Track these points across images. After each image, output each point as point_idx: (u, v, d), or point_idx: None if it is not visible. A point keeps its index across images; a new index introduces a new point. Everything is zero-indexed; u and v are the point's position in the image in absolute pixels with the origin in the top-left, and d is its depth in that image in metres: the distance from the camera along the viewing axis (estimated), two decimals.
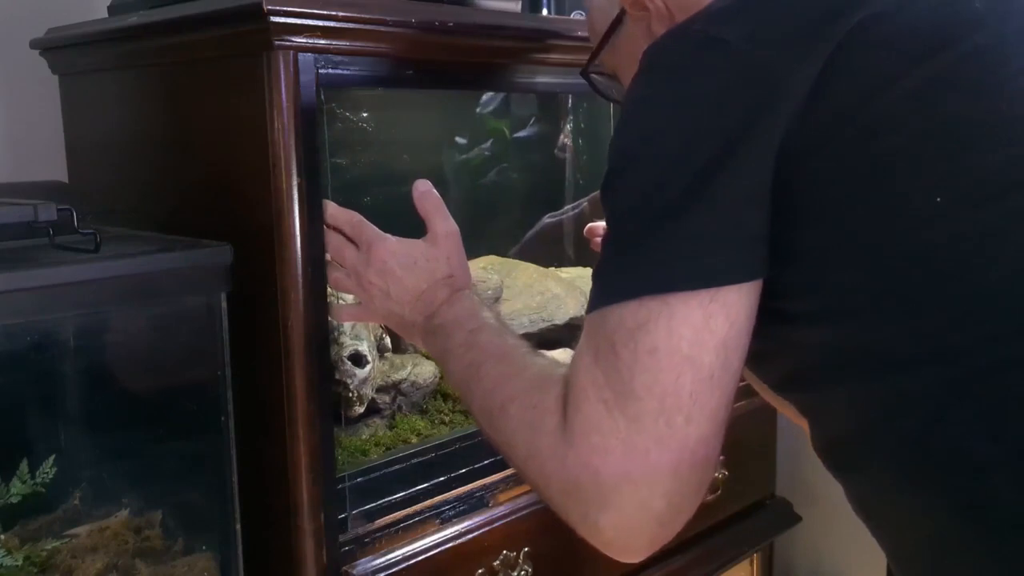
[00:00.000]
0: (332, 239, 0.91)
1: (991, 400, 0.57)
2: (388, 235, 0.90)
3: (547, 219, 1.57)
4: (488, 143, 1.62)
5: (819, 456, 0.69)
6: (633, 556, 0.64)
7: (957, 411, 0.58)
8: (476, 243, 1.56)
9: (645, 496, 0.60)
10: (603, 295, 0.63)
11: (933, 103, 0.60)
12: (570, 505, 0.63)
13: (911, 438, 0.60)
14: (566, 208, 1.61)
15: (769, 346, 0.64)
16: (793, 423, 0.74)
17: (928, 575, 0.65)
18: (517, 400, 0.69)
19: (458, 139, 1.58)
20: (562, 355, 1.33)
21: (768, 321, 0.63)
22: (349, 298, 0.99)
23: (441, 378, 1.20)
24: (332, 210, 0.91)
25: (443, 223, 0.91)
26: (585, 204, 1.53)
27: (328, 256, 0.91)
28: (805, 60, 0.59)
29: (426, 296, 0.87)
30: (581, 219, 1.52)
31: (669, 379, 0.59)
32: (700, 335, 0.59)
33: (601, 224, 1.13)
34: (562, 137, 1.73)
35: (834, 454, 0.67)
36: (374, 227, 0.90)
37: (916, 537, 0.64)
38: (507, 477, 1.10)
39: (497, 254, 1.46)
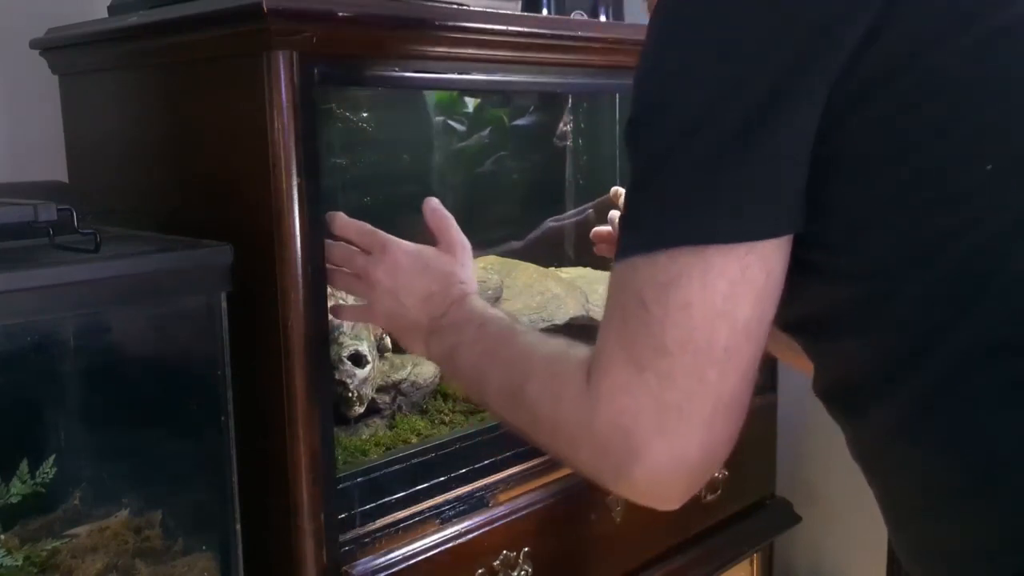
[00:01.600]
0: (339, 249, 0.91)
1: (1009, 372, 0.57)
2: (402, 240, 0.91)
3: (550, 223, 1.57)
4: (486, 131, 1.61)
5: (821, 398, 0.69)
6: (671, 504, 0.63)
7: (974, 378, 0.58)
8: (477, 237, 1.56)
9: (679, 449, 0.59)
10: (632, 245, 0.60)
11: (986, 62, 0.57)
12: (602, 466, 0.62)
13: (924, 395, 0.59)
14: (569, 212, 1.60)
15: (787, 292, 0.62)
16: (793, 424, 0.74)
17: (917, 523, 0.66)
18: (537, 374, 0.68)
19: (456, 126, 1.58)
20: None
21: (791, 269, 0.61)
22: (351, 299, 0.99)
23: (441, 378, 1.20)
24: (341, 221, 0.92)
25: (457, 235, 0.92)
26: (590, 211, 1.52)
27: (329, 263, 0.92)
28: (858, 9, 0.56)
29: (436, 298, 0.87)
30: (586, 224, 1.52)
31: (702, 334, 0.57)
32: (736, 288, 0.57)
33: (606, 228, 1.13)
34: (562, 126, 1.73)
35: (840, 399, 0.67)
36: (386, 233, 0.91)
37: (910, 486, 0.64)
38: (507, 477, 1.10)
39: (498, 249, 1.47)
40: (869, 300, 0.61)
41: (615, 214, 1.30)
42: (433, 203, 0.94)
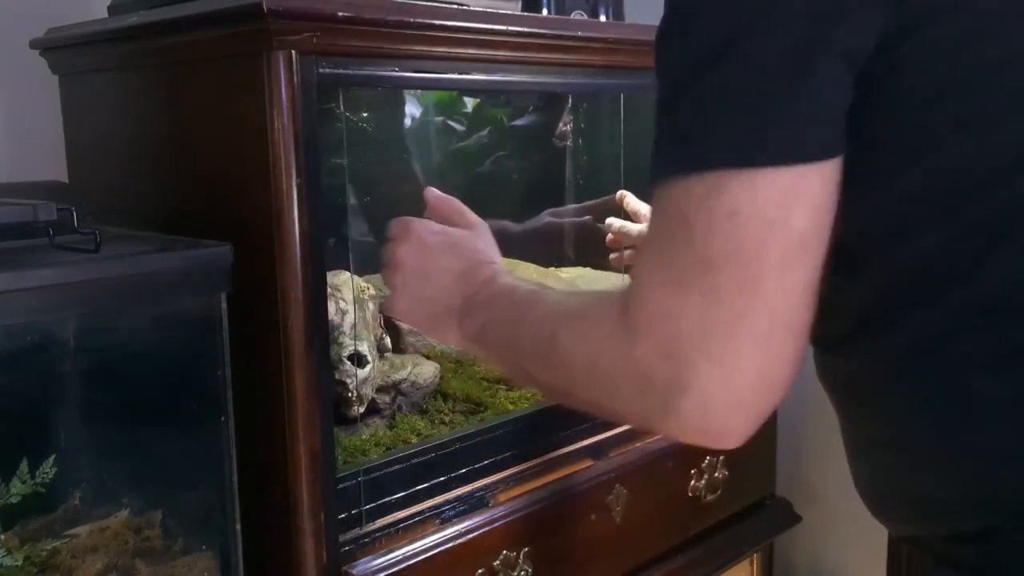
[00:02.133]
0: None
1: (1002, 337, 0.56)
2: (425, 219, 0.87)
3: (547, 216, 1.56)
4: (486, 131, 1.61)
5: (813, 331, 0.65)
6: (729, 440, 0.58)
7: (968, 337, 0.57)
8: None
9: (730, 374, 0.54)
10: (669, 167, 0.56)
11: None
12: (647, 405, 0.57)
13: (914, 345, 0.58)
14: (569, 207, 1.60)
15: None
16: (793, 424, 0.74)
17: (884, 464, 0.65)
18: (568, 323, 0.65)
19: (455, 126, 1.58)
20: None
21: None
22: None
23: (441, 378, 1.20)
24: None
25: (472, 215, 0.89)
26: (589, 215, 1.52)
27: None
28: None
29: (468, 275, 0.81)
30: (585, 225, 1.52)
31: (753, 244, 0.53)
32: (788, 197, 0.53)
33: (627, 225, 1.12)
34: (561, 126, 1.73)
35: (830, 339, 0.64)
36: (410, 217, 0.88)
37: (884, 430, 0.64)
38: (507, 477, 1.10)
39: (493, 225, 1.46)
40: (885, 239, 0.58)
41: (611, 221, 1.30)
42: (435, 192, 0.91)
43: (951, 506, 0.61)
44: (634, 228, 1.25)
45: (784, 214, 0.53)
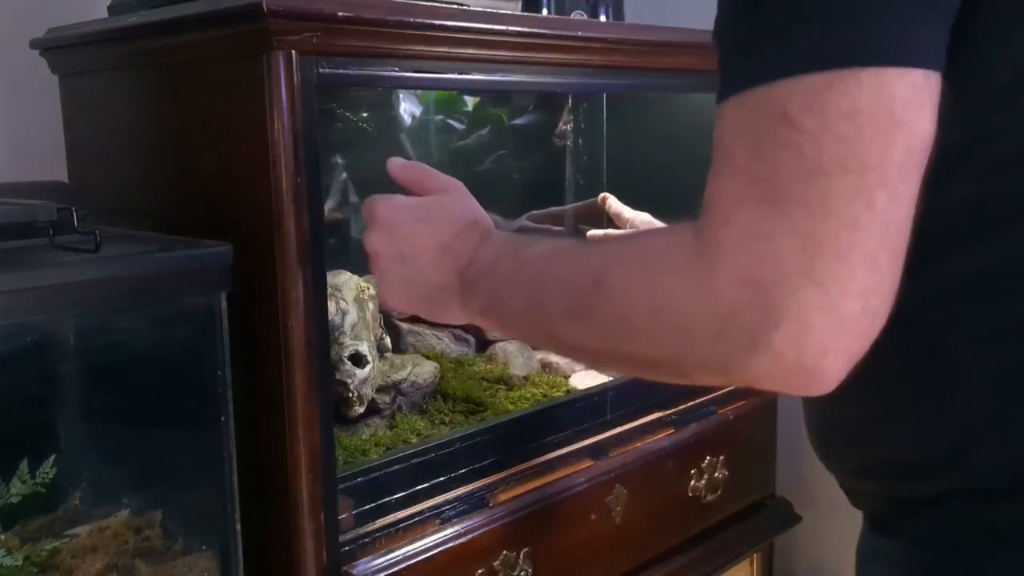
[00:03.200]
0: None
1: (1000, 313, 0.55)
2: (393, 195, 0.78)
3: (525, 219, 1.54)
4: (486, 130, 1.61)
5: None
6: (823, 383, 0.51)
7: (963, 309, 0.55)
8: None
9: (835, 300, 0.48)
10: (768, 69, 0.49)
11: None
12: (728, 347, 0.51)
13: (913, 307, 0.54)
14: (551, 210, 1.58)
15: None
16: (793, 424, 0.74)
17: (852, 415, 0.64)
18: (616, 263, 0.57)
19: (455, 125, 1.58)
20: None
21: None
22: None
23: (441, 378, 1.20)
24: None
25: (442, 177, 0.79)
26: (572, 215, 1.51)
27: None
28: None
29: (453, 248, 0.73)
30: (566, 230, 1.51)
31: (874, 148, 0.47)
32: (920, 95, 0.48)
33: (600, 233, 1.10)
34: (561, 125, 1.73)
35: None
36: (374, 196, 0.79)
37: (863, 381, 0.59)
38: (507, 477, 1.10)
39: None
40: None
41: (593, 233, 1.28)
42: (397, 161, 0.81)
43: (912, 466, 0.61)
44: (617, 235, 1.24)
45: (912, 116, 0.48)
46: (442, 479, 1.04)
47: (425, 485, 1.03)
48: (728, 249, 0.50)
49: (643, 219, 1.27)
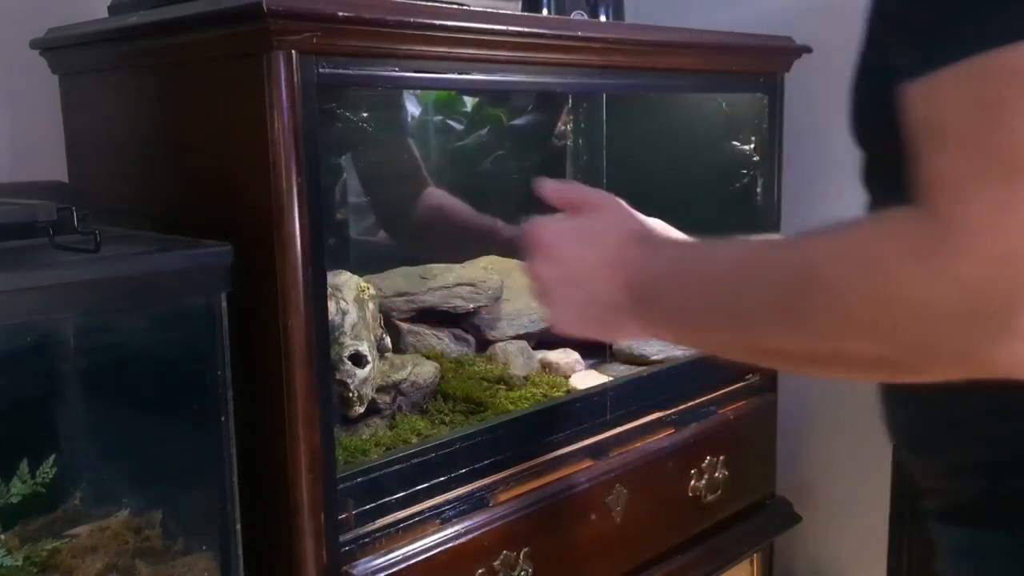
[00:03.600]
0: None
1: None
2: (549, 217, 0.76)
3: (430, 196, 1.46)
4: (485, 130, 1.61)
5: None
6: None
7: None
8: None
9: None
10: (989, 34, 0.47)
11: None
12: (975, 333, 0.48)
13: None
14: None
15: None
16: (793, 424, 0.73)
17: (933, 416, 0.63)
18: (825, 258, 0.54)
19: (454, 125, 1.58)
20: (562, 356, 1.34)
21: None
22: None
23: (441, 378, 1.20)
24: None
25: (598, 194, 0.77)
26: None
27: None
28: None
29: (620, 264, 0.69)
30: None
31: None
32: None
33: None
34: (561, 125, 1.73)
35: None
36: (536, 220, 0.76)
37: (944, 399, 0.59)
38: (507, 477, 1.10)
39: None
40: None
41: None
42: (549, 184, 0.78)
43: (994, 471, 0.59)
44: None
45: None
46: (442, 479, 1.04)
47: (425, 485, 1.03)
48: (972, 228, 0.47)
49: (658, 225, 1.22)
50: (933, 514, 0.69)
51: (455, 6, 1.02)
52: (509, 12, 1.11)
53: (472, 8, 1.03)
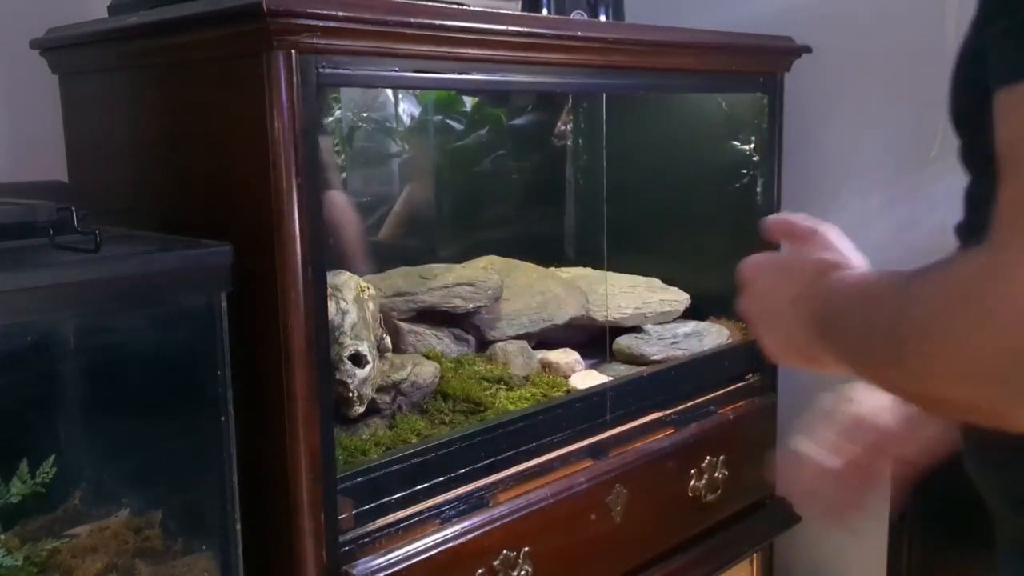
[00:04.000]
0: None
1: None
2: (758, 254, 0.76)
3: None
4: (485, 130, 1.61)
5: None
6: None
7: None
8: (475, 235, 1.55)
9: None
10: None
11: None
12: None
13: None
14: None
15: None
16: (794, 424, 0.72)
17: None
18: (914, 300, 0.51)
19: (454, 125, 1.58)
20: (562, 356, 1.34)
21: None
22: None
23: (441, 378, 1.20)
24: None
25: (808, 225, 0.76)
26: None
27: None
28: None
29: (806, 295, 0.69)
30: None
31: None
32: None
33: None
34: (560, 125, 1.73)
35: None
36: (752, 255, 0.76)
37: None
38: (507, 477, 1.10)
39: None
40: None
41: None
42: (771, 220, 0.78)
43: None
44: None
45: None
46: (442, 479, 1.04)
47: (425, 485, 1.03)
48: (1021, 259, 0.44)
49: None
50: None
51: (455, 6, 1.02)
52: (509, 12, 1.11)
53: (472, 8, 1.03)
